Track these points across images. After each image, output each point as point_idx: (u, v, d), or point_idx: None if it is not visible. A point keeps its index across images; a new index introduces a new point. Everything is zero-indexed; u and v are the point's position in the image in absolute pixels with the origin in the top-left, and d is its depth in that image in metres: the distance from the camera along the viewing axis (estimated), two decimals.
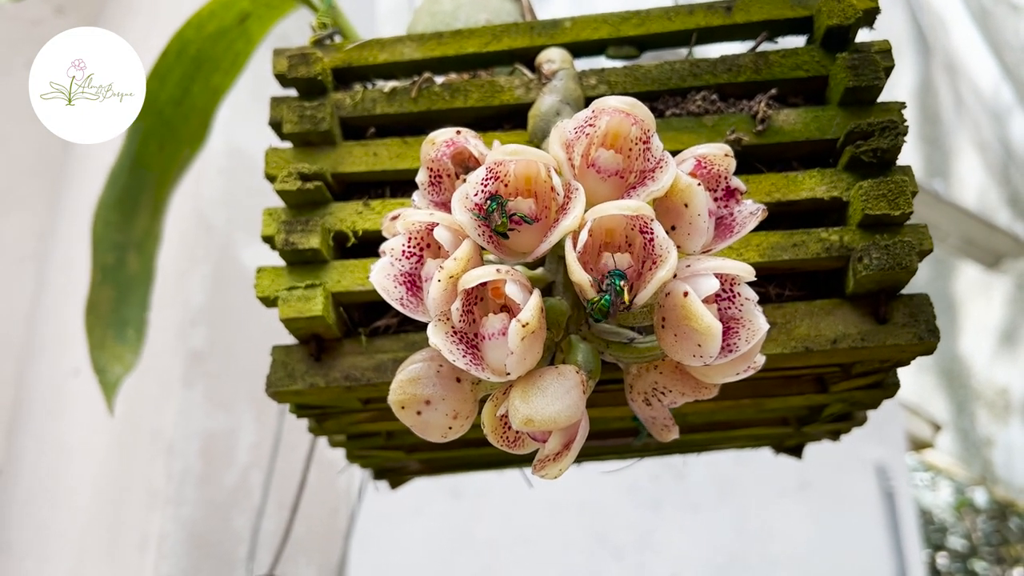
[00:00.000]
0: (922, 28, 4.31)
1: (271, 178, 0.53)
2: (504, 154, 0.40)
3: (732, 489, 2.55)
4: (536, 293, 0.38)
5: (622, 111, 0.41)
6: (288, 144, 0.55)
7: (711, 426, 0.66)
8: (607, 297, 0.38)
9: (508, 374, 0.38)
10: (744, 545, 2.50)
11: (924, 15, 4.38)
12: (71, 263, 1.57)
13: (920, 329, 0.48)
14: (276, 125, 0.55)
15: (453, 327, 0.39)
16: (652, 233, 0.39)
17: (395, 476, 0.74)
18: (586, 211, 0.40)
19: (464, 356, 0.39)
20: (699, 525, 2.45)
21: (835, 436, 0.68)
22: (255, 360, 1.15)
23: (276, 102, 0.55)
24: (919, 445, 4.00)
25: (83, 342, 0.87)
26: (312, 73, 0.54)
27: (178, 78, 0.87)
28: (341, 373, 0.51)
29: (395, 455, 0.66)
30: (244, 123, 1.22)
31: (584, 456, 0.73)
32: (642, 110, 0.41)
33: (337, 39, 0.60)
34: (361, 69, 0.57)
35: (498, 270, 0.38)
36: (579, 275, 0.38)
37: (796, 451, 0.74)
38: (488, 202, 0.40)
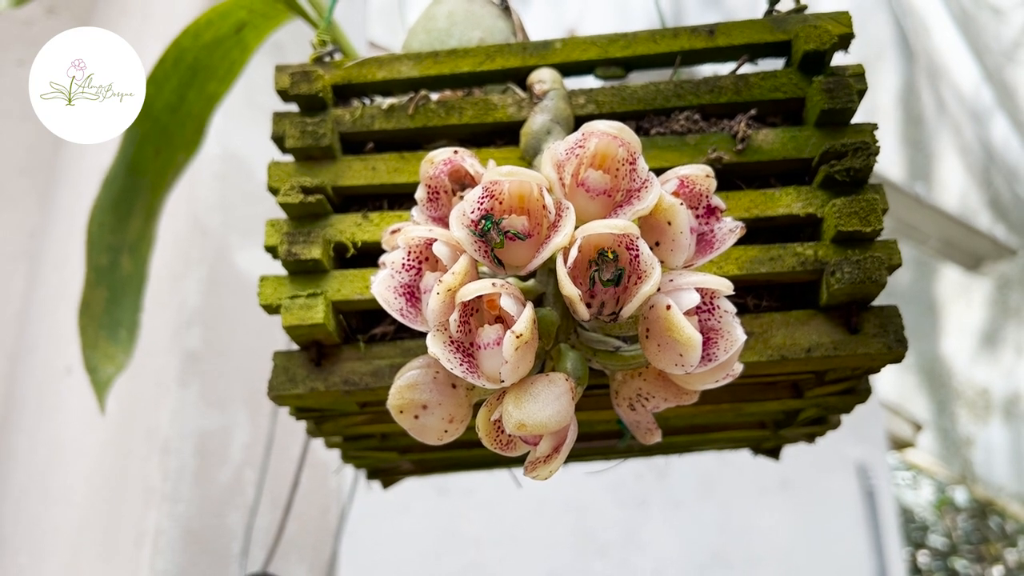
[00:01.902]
0: (905, 32, 4.36)
1: (274, 191, 0.56)
2: (499, 174, 0.43)
3: (715, 487, 2.59)
4: (529, 306, 0.41)
5: (609, 134, 0.44)
6: (290, 158, 0.58)
7: (692, 429, 0.69)
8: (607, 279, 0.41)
9: (502, 381, 0.41)
10: (726, 543, 2.53)
11: (908, 19, 4.42)
12: (63, 262, 1.58)
13: (889, 339, 0.51)
14: (278, 140, 0.57)
15: (451, 337, 0.42)
16: (638, 250, 0.42)
17: (387, 476, 0.77)
18: (576, 228, 0.42)
19: (461, 364, 0.41)
20: (682, 523, 2.48)
21: (810, 439, 0.71)
22: (249, 360, 1.18)
23: (278, 117, 0.57)
24: (900, 444, 4.06)
25: (76, 341, 0.89)
26: (313, 90, 0.57)
27: (174, 85, 0.89)
28: (340, 378, 0.53)
29: (389, 456, 0.68)
30: (238, 129, 1.24)
31: (570, 457, 0.76)
32: (628, 133, 0.43)
33: (337, 56, 0.62)
34: (360, 86, 0.59)
35: (493, 284, 0.41)
36: (569, 289, 0.40)
37: (773, 453, 0.77)
38: (483, 220, 0.43)
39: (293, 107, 0.59)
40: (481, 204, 0.43)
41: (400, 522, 1.89)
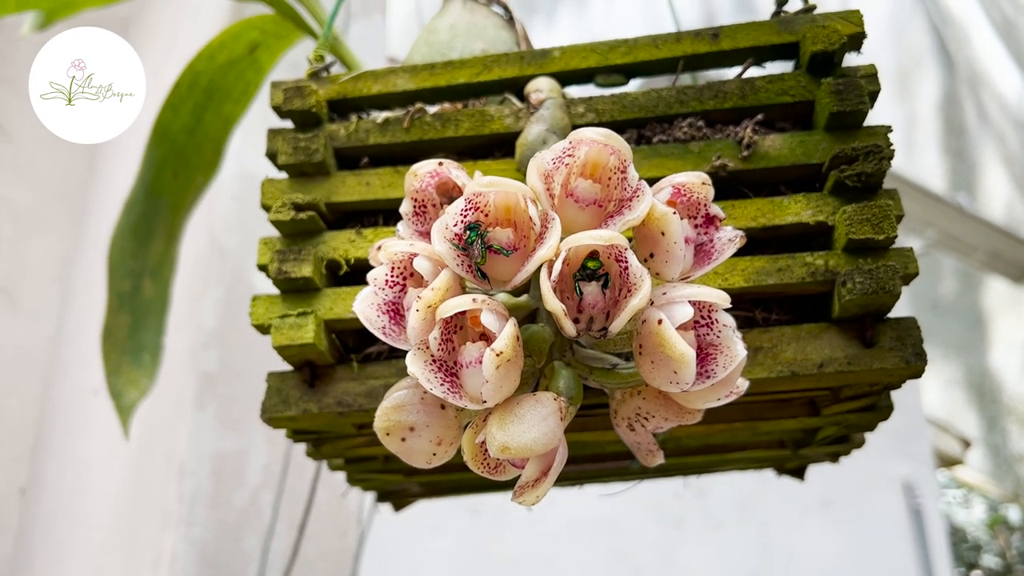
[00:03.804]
0: (944, 41, 4.28)
1: (266, 208, 0.55)
2: (482, 185, 0.41)
3: (755, 507, 2.53)
4: (511, 322, 0.39)
5: (599, 142, 0.42)
6: (284, 175, 0.57)
7: (707, 449, 0.66)
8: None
9: (484, 402, 0.39)
10: (767, 564, 2.47)
11: (947, 28, 4.34)
12: (92, 285, 1.60)
13: (907, 353, 0.48)
14: (272, 156, 0.56)
15: (432, 355, 0.40)
16: (626, 262, 0.40)
17: (397, 499, 0.75)
18: (562, 240, 0.40)
19: (442, 384, 0.39)
20: (721, 543, 2.43)
21: (834, 458, 0.68)
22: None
23: (272, 134, 0.56)
24: (949, 462, 3.95)
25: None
26: (307, 105, 0.56)
27: (191, 108, 0.89)
28: (334, 399, 0.52)
29: (394, 478, 0.67)
30: (256, 150, 1.23)
31: (584, 479, 0.73)
32: (618, 140, 0.41)
33: (335, 71, 0.61)
34: (356, 100, 0.58)
35: (474, 299, 0.39)
36: (552, 303, 0.38)
37: (798, 473, 0.73)
38: (467, 232, 0.41)
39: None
40: (464, 216, 0.41)
41: (429, 543, 1.87)
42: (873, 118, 0.53)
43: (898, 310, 0.50)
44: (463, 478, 0.70)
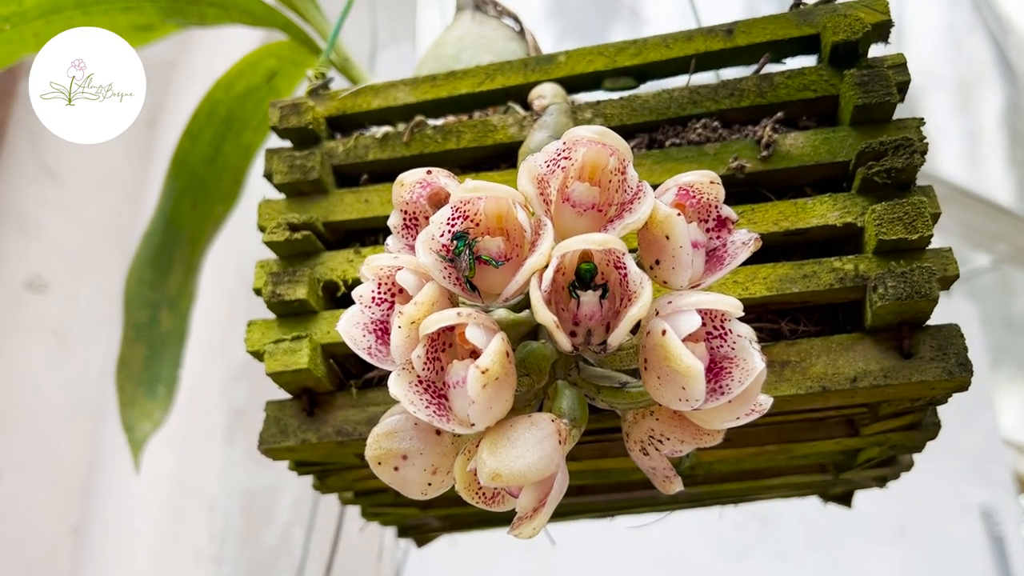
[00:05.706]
0: (1005, 51, 4.14)
1: (262, 229, 0.52)
2: (467, 191, 0.38)
3: (823, 537, 2.42)
4: (498, 336, 0.35)
5: (596, 141, 0.39)
6: (283, 196, 0.54)
7: (741, 475, 0.61)
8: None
9: (473, 425, 0.36)
10: None
11: (1007, 38, 4.21)
12: None
13: (950, 363, 0.44)
14: (269, 176, 0.54)
15: (418, 376, 0.37)
16: (625, 268, 0.36)
17: (418, 534, 0.71)
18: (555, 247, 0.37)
19: (427, 407, 0.36)
20: None
21: (882, 482, 0.63)
22: None
23: (269, 154, 0.55)
24: None
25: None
26: (303, 122, 0.54)
27: (209, 138, 0.88)
28: (333, 428, 0.49)
29: (410, 512, 0.63)
30: None
31: (613, 510, 0.69)
32: (614, 138, 0.38)
33: (334, 87, 0.59)
34: (356, 116, 0.56)
35: (459, 313, 0.36)
36: (543, 315, 0.35)
37: (845, 500, 0.68)
38: (455, 242, 0.38)
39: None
40: (452, 226, 0.38)
41: None
42: (934, 132, 0.49)
43: (968, 329, 0.45)
44: (486, 511, 0.67)
